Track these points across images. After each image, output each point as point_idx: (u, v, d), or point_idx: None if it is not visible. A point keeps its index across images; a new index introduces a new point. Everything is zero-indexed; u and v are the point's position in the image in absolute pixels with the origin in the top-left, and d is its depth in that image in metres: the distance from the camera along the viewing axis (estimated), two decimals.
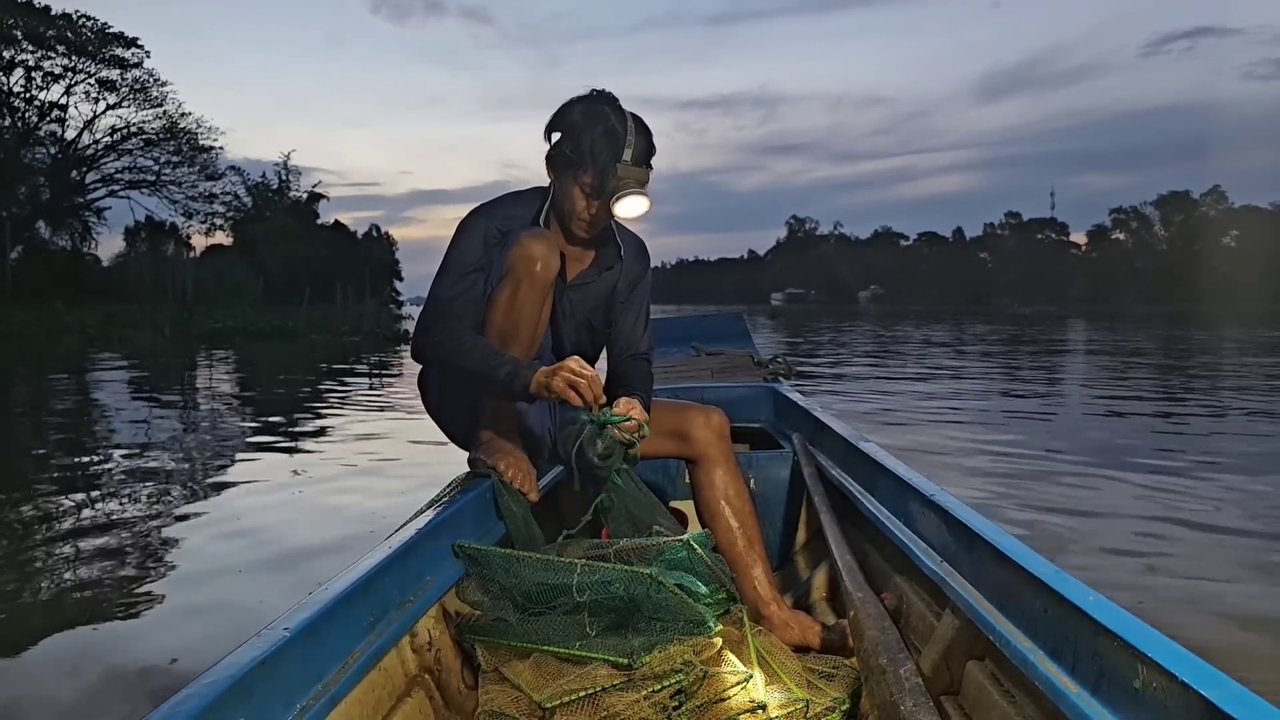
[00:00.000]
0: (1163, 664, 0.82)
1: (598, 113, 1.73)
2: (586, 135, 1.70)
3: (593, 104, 1.75)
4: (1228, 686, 0.77)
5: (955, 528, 1.37)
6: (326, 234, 45.64)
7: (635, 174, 1.71)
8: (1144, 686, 0.85)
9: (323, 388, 10.22)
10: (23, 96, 34.64)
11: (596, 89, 1.79)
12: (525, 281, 1.66)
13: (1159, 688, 0.83)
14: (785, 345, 18.06)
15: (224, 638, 0.99)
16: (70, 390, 10.42)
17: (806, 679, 1.38)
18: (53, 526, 3.78)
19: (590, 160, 1.70)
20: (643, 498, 1.67)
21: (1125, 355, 15.40)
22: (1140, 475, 4.50)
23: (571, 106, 1.75)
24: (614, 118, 1.72)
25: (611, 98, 1.77)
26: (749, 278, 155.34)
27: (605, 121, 1.72)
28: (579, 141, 1.71)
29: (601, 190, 1.71)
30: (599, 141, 1.70)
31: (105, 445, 6.03)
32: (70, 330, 21.04)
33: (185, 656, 2.32)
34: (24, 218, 32.90)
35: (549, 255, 1.67)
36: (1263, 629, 2.48)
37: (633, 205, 1.74)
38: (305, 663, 1.01)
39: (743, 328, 4.54)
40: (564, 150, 1.73)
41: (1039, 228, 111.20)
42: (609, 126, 1.71)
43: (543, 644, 1.36)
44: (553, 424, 1.92)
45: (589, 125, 1.71)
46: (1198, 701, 0.77)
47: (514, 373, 1.59)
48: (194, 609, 2.75)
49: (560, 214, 1.81)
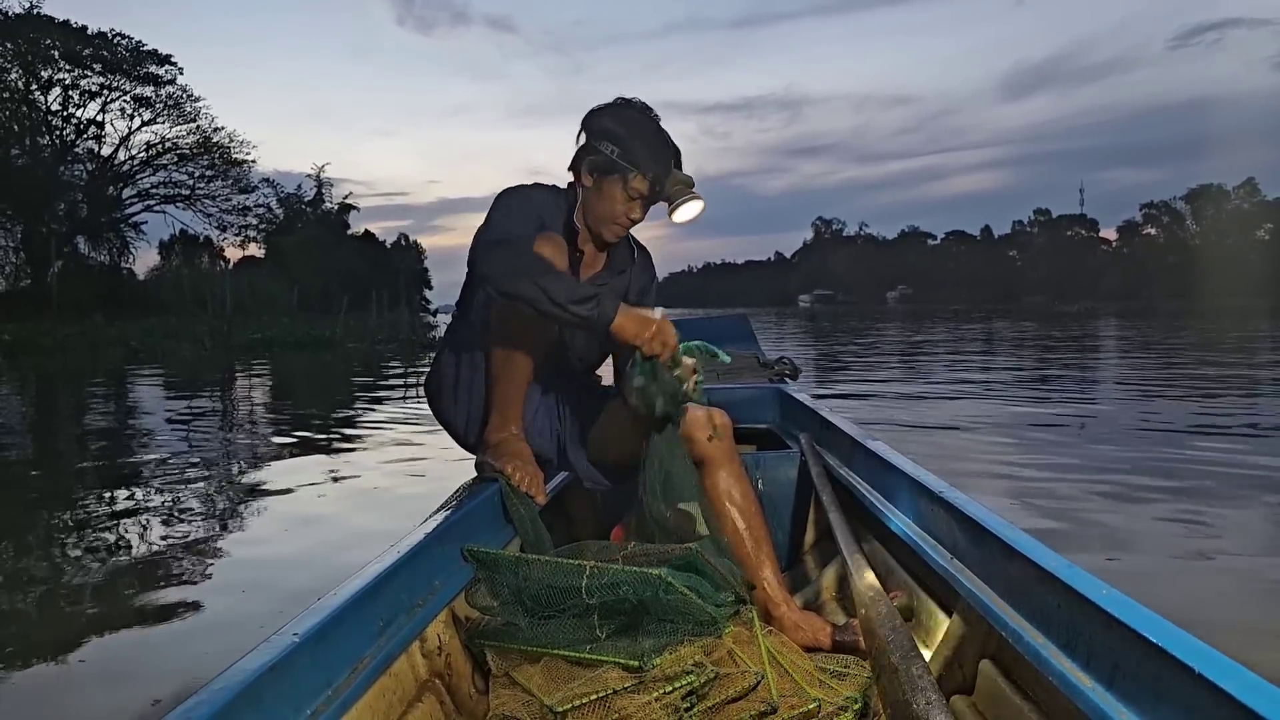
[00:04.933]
0: (1179, 657, 0.81)
1: (644, 119, 1.78)
2: (638, 141, 1.74)
3: (635, 110, 1.79)
4: (1246, 679, 0.76)
5: (965, 524, 1.36)
6: (357, 244, 46.30)
7: (685, 179, 1.78)
8: (1160, 680, 0.84)
9: (362, 395, 10.33)
10: (60, 114, 35.43)
11: (626, 97, 1.83)
12: None
13: (1176, 681, 0.81)
14: (818, 351, 17.90)
15: (242, 646, 0.99)
16: (123, 401, 10.57)
17: (818, 678, 1.37)
18: (84, 534, 3.86)
19: (643, 165, 1.73)
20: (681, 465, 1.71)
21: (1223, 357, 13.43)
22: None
23: (615, 112, 1.79)
24: (658, 124, 1.78)
25: (646, 105, 1.82)
26: (776, 280, 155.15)
27: (653, 127, 1.77)
28: (629, 147, 1.73)
29: (654, 195, 1.76)
30: (653, 148, 1.75)
31: (165, 455, 6.11)
32: (112, 343, 21.43)
33: (203, 662, 2.35)
34: (63, 234, 33.61)
35: (557, 256, 1.67)
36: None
37: (691, 209, 1.81)
38: (315, 668, 1.02)
39: (748, 329, 4.51)
40: (608, 154, 1.74)
41: (1068, 224, 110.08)
42: (659, 132, 1.77)
43: (553, 647, 1.36)
44: (560, 427, 1.93)
45: (639, 131, 1.75)
46: (1216, 694, 0.76)
47: (598, 308, 1.55)
48: (218, 617, 2.78)
49: (590, 216, 1.82)
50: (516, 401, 1.74)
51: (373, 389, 11.25)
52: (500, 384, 1.72)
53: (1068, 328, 26.40)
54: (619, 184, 1.75)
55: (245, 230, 41.52)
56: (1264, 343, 16.97)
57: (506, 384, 1.72)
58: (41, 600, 3.02)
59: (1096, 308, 56.02)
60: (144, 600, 2.92)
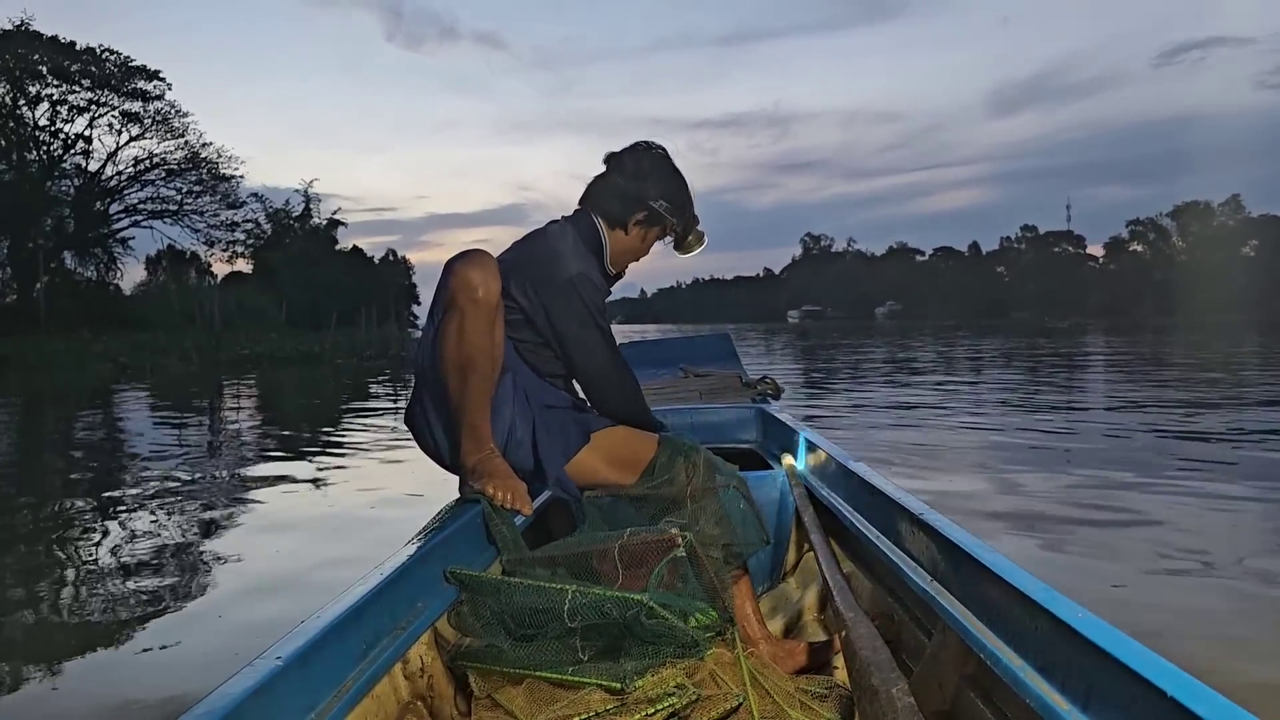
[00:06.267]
0: (1153, 681, 0.82)
1: (676, 170, 2.00)
2: (684, 195, 2.00)
3: (669, 161, 2.00)
4: (1216, 702, 0.77)
5: (945, 546, 1.37)
6: (345, 259, 46.14)
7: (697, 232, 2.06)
8: (1135, 703, 0.85)
9: (351, 411, 10.29)
10: (48, 129, 35.26)
11: (648, 142, 2.02)
12: (470, 310, 1.67)
13: (1150, 705, 0.82)
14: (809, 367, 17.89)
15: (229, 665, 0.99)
16: (111, 418, 10.52)
17: (799, 700, 1.38)
18: (64, 553, 3.83)
19: (683, 216, 2.00)
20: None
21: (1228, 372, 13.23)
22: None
23: (662, 164, 1.98)
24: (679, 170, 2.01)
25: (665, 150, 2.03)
26: (765, 296, 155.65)
27: (682, 178, 2.00)
28: (680, 201, 1.98)
29: (685, 240, 2.04)
30: (688, 200, 2.00)
31: (151, 473, 6.08)
32: (100, 359, 21.30)
33: (191, 682, 2.33)
34: (50, 249, 33.43)
35: (487, 278, 1.68)
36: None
37: (700, 246, 2.08)
38: (298, 692, 1.02)
39: (730, 348, 4.50)
40: (657, 209, 1.95)
41: (1055, 240, 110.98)
42: (686, 183, 2.01)
43: (535, 669, 1.36)
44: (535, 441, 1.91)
45: (682, 185, 2.00)
46: (1188, 717, 0.77)
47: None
48: (201, 635, 2.77)
49: (621, 255, 2.00)
50: (483, 420, 1.74)
51: (361, 405, 11.22)
52: (464, 407, 1.72)
53: (1059, 343, 26.52)
54: (660, 231, 2.00)
55: (233, 245, 41.31)
56: (1251, 359, 17.12)
57: (470, 405, 1.72)
58: (14, 622, 2.99)
59: (1087, 323, 56.27)
60: (122, 621, 2.91)
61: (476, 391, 1.71)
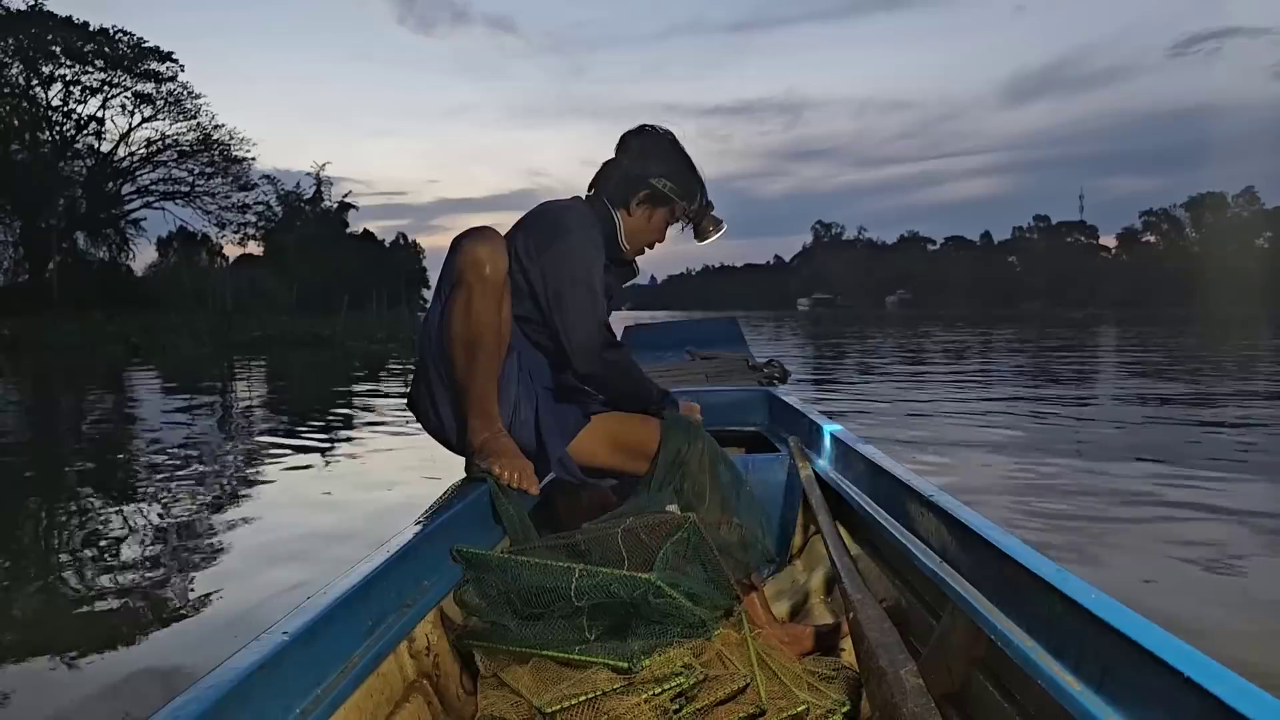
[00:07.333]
0: (1170, 662, 0.81)
1: (684, 154, 1.98)
2: (690, 177, 1.97)
3: (676, 143, 1.98)
4: (1233, 682, 0.76)
5: (954, 527, 1.36)
6: (356, 243, 46.18)
7: (714, 218, 2.05)
8: (1151, 685, 0.84)
9: (362, 393, 10.32)
10: (61, 110, 35.35)
11: (653, 125, 2.01)
12: (477, 286, 1.65)
13: (1166, 686, 0.81)
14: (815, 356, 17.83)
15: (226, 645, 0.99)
16: (124, 398, 10.59)
17: (807, 681, 1.37)
18: (75, 532, 3.85)
19: (695, 198, 1.99)
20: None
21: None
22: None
23: (657, 144, 1.96)
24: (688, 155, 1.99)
25: (674, 135, 2.01)
26: (775, 283, 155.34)
27: (688, 159, 1.98)
28: (685, 182, 1.97)
29: (700, 225, 2.02)
30: (698, 183, 1.99)
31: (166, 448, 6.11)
32: (112, 340, 21.40)
33: (192, 660, 2.35)
34: (63, 229, 33.57)
35: (495, 255, 1.66)
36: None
37: (719, 232, 2.08)
38: (304, 667, 1.01)
39: (736, 332, 4.49)
40: (661, 189, 1.94)
41: (1068, 231, 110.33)
42: (692, 164, 1.98)
43: (541, 648, 1.35)
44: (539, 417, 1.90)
45: (688, 167, 1.98)
46: (1205, 699, 0.76)
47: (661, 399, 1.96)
48: (208, 613, 2.78)
49: (634, 239, 1.99)
50: (490, 399, 1.73)
51: (371, 388, 11.25)
52: (471, 385, 1.71)
53: (1076, 333, 26.27)
54: (668, 213, 1.98)
55: (244, 228, 41.43)
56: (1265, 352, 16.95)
57: (477, 382, 1.71)
58: (26, 600, 3.01)
59: (1101, 314, 55.82)
60: (130, 594, 2.93)
61: (483, 369, 1.70)
